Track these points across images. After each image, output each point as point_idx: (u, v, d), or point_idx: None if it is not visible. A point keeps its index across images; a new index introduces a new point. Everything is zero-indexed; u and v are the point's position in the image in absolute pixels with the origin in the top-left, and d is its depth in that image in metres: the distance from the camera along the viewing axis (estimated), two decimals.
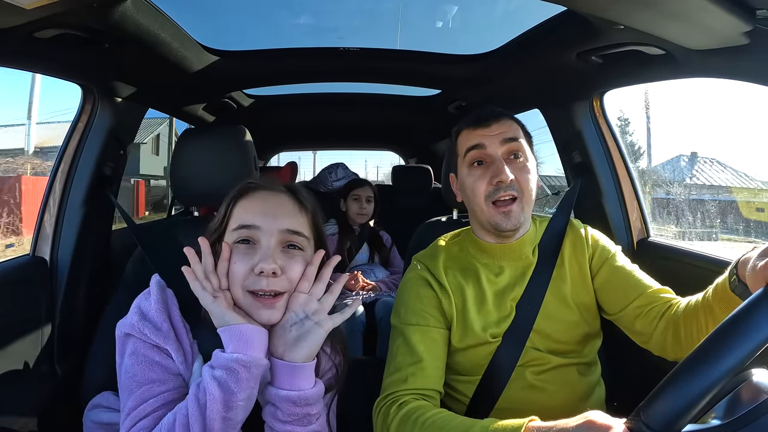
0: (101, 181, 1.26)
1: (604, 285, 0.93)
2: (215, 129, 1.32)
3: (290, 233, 0.74)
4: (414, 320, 0.89)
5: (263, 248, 0.72)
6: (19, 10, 0.72)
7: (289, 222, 0.74)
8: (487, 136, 0.89)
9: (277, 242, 0.73)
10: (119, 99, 1.27)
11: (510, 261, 0.94)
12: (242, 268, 0.71)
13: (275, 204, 0.76)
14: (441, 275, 0.92)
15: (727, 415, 0.48)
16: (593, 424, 0.53)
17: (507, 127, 0.91)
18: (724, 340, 0.45)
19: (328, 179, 2.57)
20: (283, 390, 0.68)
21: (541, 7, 0.95)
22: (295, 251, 0.75)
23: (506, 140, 0.89)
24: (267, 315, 0.71)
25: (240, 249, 0.73)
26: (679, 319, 0.80)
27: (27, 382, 1.05)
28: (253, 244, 0.73)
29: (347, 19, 1.50)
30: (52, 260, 1.18)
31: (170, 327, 0.72)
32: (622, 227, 1.39)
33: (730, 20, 0.74)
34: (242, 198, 0.77)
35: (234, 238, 0.73)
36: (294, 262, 0.73)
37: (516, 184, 0.87)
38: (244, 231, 0.73)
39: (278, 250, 0.73)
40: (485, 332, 0.89)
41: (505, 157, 0.89)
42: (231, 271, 0.72)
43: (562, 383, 0.90)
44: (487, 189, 0.88)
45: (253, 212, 0.74)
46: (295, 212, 0.77)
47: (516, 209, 0.88)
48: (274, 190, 0.78)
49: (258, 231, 0.73)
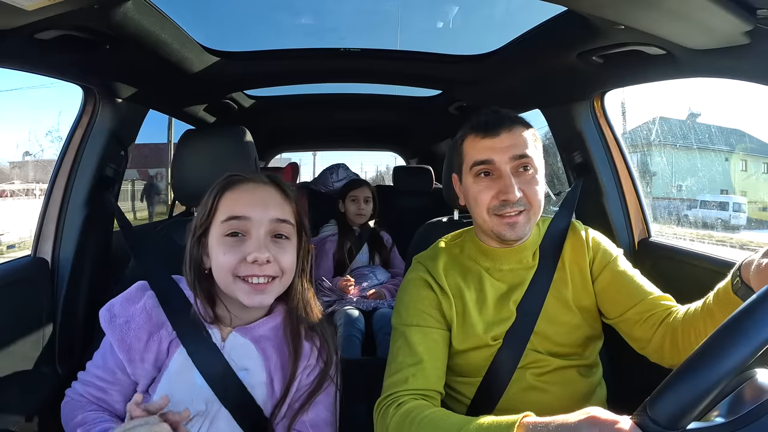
0: (102, 182, 1.26)
1: (604, 289, 0.92)
2: (216, 130, 1.32)
3: (279, 222, 0.78)
4: (415, 321, 0.89)
5: (254, 238, 0.75)
6: (20, 12, 0.72)
7: (278, 212, 0.78)
8: (496, 149, 0.86)
9: (267, 232, 0.77)
10: (120, 100, 1.27)
11: (511, 264, 0.94)
12: (232, 259, 0.74)
13: (263, 195, 0.79)
14: (441, 278, 0.92)
15: (730, 413, 0.48)
16: (597, 420, 0.52)
17: (517, 138, 0.87)
18: (733, 334, 0.45)
19: (329, 180, 2.57)
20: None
21: (541, 7, 0.94)
22: (283, 241, 0.79)
23: (517, 157, 0.85)
24: (259, 299, 0.76)
25: (228, 242, 0.75)
26: (678, 326, 0.80)
27: (28, 383, 1.05)
28: (242, 236, 0.76)
29: (348, 19, 1.51)
30: (53, 261, 1.18)
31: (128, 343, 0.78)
32: (623, 227, 1.39)
33: (731, 20, 0.74)
34: (228, 190, 0.79)
35: (223, 230, 0.76)
36: (284, 251, 0.78)
37: (524, 198, 0.86)
38: (234, 222, 0.76)
39: (268, 240, 0.77)
40: (486, 335, 0.89)
41: (514, 171, 0.86)
42: (220, 263, 0.75)
43: (563, 384, 0.89)
44: (492, 202, 0.87)
45: (243, 204, 0.77)
46: (282, 202, 0.80)
47: (522, 221, 0.86)
48: (260, 181, 0.81)
49: (248, 222, 0.76)
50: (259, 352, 0.80)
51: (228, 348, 0.79)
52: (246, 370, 0.79)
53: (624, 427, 0.49)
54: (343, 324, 1.75)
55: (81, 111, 1.24)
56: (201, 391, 0.77)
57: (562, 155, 1.54)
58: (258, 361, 0.80)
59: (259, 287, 0.75)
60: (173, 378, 0.78)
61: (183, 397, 0.76)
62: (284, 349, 0.81)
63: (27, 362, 1.06)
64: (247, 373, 0.79)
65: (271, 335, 0.82)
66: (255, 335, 0.81)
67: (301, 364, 0.81)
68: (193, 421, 0.76)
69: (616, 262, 0.94)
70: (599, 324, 0.95)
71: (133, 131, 1.39)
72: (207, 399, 0.77)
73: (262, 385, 0.79)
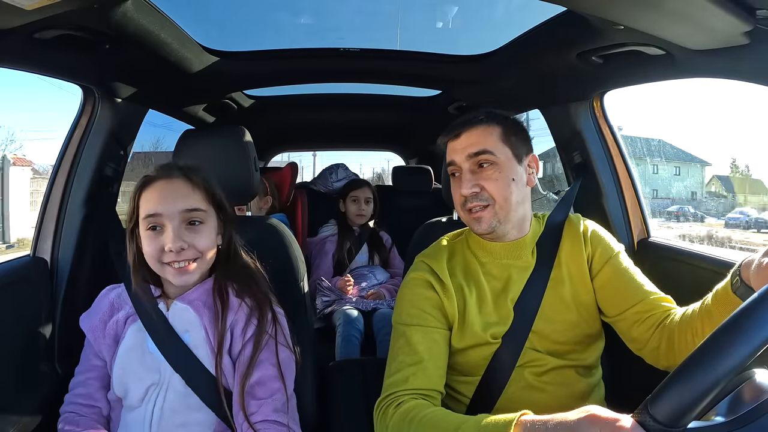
0: (102, 181, 1.26)
1: (604, 286, 0.92)
2: (215, 130, 1.32)
3: (189, 212, 0.88)
4: (415, 321, 0.89)
5: (168, 231, 0.86)
6: (20, 11, 0.72)
7: (186, 202, 0.88)
8: (457, 150, 0.92)
9: (180, 221, 0.87)
10: (120, 100, 1.27)
11: (510, 260, 0.94)
12: (154, 249, 0.86)
13: (171, 189, 0.88)
14: (445, 275, 0.92)
15: (729, 413, 0.48)
16: (597, 418, 0.52)
17: (476, 137, 0.90)
18: (733, 334, 0.45)
19: (329, 180, 2.57)
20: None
21: (541, 7, 0.95)
22: (198, 226, 0.89)
23: (472, 155, 0.89)
24: (185, 279, 0.88)
25: (149, 235, 0.87)
26: (675, 328, 0.80)
27: (27, 382, 1.05)
28: (161, 229, 0.87)
29: (347, 19, 1.50)
30: (52, 260, 1.18)
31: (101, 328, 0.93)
32: (622, 227, 1.39)
33: (730, 20, 0.74)
34: (144, 190, 0.89)
35: (145, 226, 0.87)
36: (199, 235, 0.88)
37: (485, 193, 0.88)
38: (150, 219, 0.87)
39: (183, 228, 0.87)
40: (485, 333, 0.89)
41: (474, 168, 0.90)
42: (146, 253, 0.87)
43: (562, 385, 0.89)
44: (460, 199, 0.91)
45: (155, 201, 0.87)
46: (189, 192, 0.89)
47: (487, 215, 0.89)
48: (169, 177, 0.90)
49: (162, 217, 0.86)
50: (195, 312, 0.91)
51: (171, 315, 0.91)
52: (187, 332, 0.90)
53: (625, 425, 0.48)
54: (342, 324, 1.75)
55: (80, 111, 1.24)
56: (153, 358, 0.88)
57: (561, 155, 1.54)
58: (195, 322, 0.90)
59: (182, 270, 0.87)
60: (126, 351, 0.90)
61: (137, 366, 0.88)
62: (213, 305, 0.91)
63: (26, 362, 1.06)
64: (188, 335, 0.90)
65: (204, 297, 0.92)
66: (190, 299, 0.92)
67: (230, 316, 0.90)
68: (148, 394, 0.87)
69: (618, 258, 0.93)
70: (598, 323, 0.94)
71: (132, 131, 1.39)
72: (159, 367, 0.88)
73: (203, 344, 0.89)
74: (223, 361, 0.88)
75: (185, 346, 0.88)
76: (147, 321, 0.91)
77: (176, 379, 0.87)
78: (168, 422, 0.86)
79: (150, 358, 0.89)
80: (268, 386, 0.88)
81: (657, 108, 9.68)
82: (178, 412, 0.87)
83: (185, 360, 0.88)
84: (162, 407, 0.86)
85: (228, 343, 0.89)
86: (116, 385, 0.89)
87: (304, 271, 1.18)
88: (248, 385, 0.87)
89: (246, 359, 0.88)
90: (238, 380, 0.88)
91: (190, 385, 0.87)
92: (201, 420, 0.88)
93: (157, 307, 0.92)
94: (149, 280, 0.93)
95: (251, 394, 0.87)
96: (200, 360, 0.88)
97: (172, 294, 0.94)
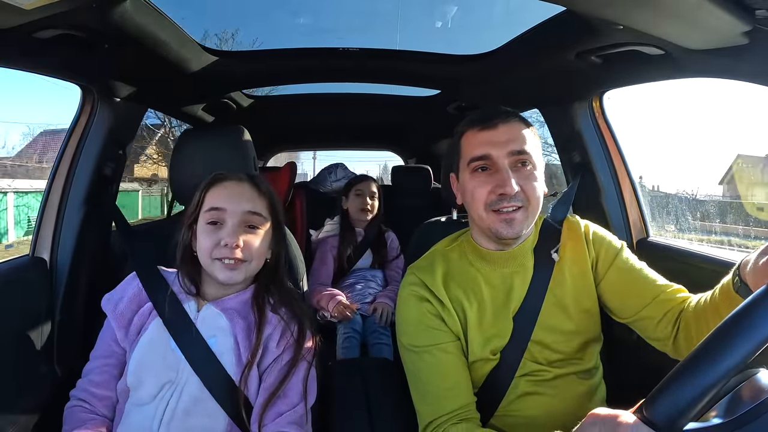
0: (101, 181, 1.26)
1: (614, 289, 0.90)
2: (214, 129, 1.32)
3: (250, 214, 0.91)
4: (426, 341, 0.87)
5: (228, 226, 0.89)
6: (18, 11, 0.72)
7: (250, 205, 0.92)
8: (494, 143, 0.84)
9: (240, 222, 0.90)
10: (118, 99, 1.27)
11: (510, 268, 0.91)
12: (210, 243, 0.89)
13: (238, 191, 0.93)
14: (441, 292, 0.89)
15: (728, 413, 0.48)
16: (597, 417, 0.53)
17: (515, 132, 0.85)
18: (726, 337, 0.45)
19: (328, 179, 2.56)
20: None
21: (540, 7, 0.94)
22: (255, 230, 0.92)
23: (515, 152, 0.83)
24: (230, 275, 0.89)
25: (208, 229, 0.90)
26: (690, 320, 0.79)
27: (26, 383, 1.05)
28: (220, 225, 0.90)
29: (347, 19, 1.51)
30: (51, 261, 1.18)
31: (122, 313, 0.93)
32: (621, 227, 1.38)
33: (730, 20, 0.74)
34: (212, 187, 0.94)
35: (206, 219, 0.91)
36: (254, 238, 0.91)
37: (522, 194, 0.83)
38: (214, 213, 0.90)
39: (241, 228, 0.90)
40: (485, 349, 0.88)
41: (512, 166, 0.83)
42: (202, 246, 0.90)
43: (562, 388, 0.88)
44: (489, 198, 0.84)
45: (221, 197, 0.91)
46: (255, 197, 0.93)
47: (520, 218, 0.83)
48: (238, 179, 0.95)
49: (224, 212, 0.90)
50: (228, 320, 0.91)
51: (200, 318, 0.91)
52: (215, 337, 0.90)
53: (626, 420, 0.49)
54: (342, 324, 1.74)
55: (79, 110, 1.24)
56: (174, 355, 0.88)
57: (560, 155, 1.54)
58: (226, 329, 0.90)
59: (230, 266, 0.89)
60: (147, 344, 0.89)
61: (155, 362, 0.88)
62: (250, 318, 0.92)
63: (25, 362, 1.06)
64: (215, 341, 0.89)
65: (240, 307, 0.93)
66: (225, 306, 0.93)
67: (267, 330, 0.91)
68: (162, 392, 0.86)
69: (621, 257, 0.91)
70: (599, 326, 0.93)
71: (131, 131, 1.39)
72: (178, 365, 0.87)
73: (230, 351, 0.89)
74: (251, 372, 0.88)
75: (210, 352, 0.88)
76: (169, 321, 0.90)
77: (194, 380, 0.86)
78: (179, 424, 0.84)
79: (171, 355, 0.88)
80: (290, 399, 0.89)
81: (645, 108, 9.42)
82: (191, 414, 0.85)
83: (208, 363, 0.87)
84: (175, 408, 0.85)
85: (258, 356, 0.89)
86: (131, 376, 0.88)
87: (304, 271, 1.18)
88: (274, 396, 0.87)
89: (276, 373, 0.89)
90: (264, 392, 0.88)
91: (208, 389, 0.86)
92: (211, 426, 0.86)
93: (184, 311, 0.91)
94: (191, 276, 0.95)
95: (273, 404, 0.87)
96: (224, 367, 0.88)
97: (209, 296, 0.94)
